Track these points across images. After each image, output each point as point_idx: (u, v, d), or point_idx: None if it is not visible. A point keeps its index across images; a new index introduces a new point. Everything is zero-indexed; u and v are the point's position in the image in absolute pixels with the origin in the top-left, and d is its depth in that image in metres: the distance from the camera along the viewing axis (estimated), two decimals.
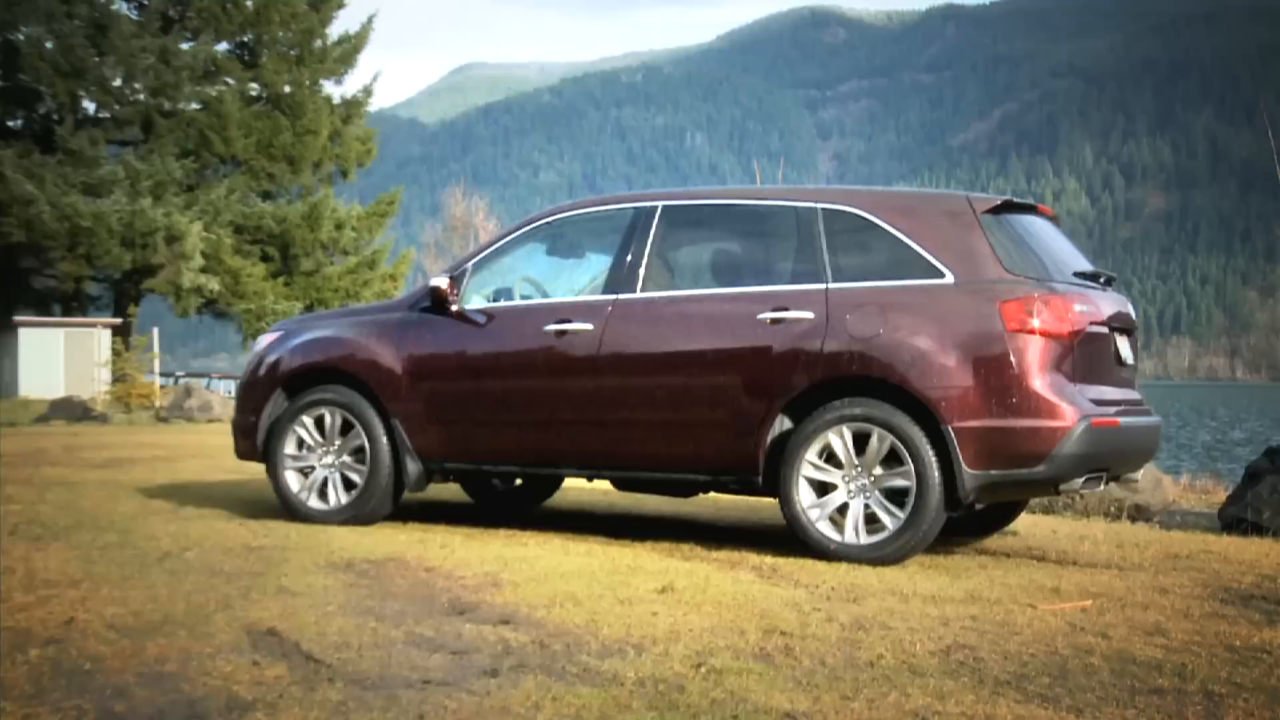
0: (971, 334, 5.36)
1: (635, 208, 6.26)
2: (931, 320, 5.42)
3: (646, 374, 5.89)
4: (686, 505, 7.95)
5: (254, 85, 29.21)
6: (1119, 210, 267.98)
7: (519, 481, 7.59)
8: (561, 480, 7.64)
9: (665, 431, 5.86)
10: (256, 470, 9.04)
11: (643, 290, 6.03)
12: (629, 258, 6.11)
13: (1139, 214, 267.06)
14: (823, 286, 5.68)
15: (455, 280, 6.40)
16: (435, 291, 6.36)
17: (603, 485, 8.79)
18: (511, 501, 7.62)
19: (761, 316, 5.70)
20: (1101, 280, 6.06)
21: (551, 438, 6.11)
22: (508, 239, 6.52)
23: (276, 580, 4.71)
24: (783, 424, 5.69)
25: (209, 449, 11.76)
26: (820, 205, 5.87)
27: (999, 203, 5.73)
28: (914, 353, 5.39)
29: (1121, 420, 5.55)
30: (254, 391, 6.77)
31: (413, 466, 6.36)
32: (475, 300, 6.45)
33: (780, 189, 6.33)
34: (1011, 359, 5.29)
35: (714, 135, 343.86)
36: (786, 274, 5.85)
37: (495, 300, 6.46)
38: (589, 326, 6.03)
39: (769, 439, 5.67)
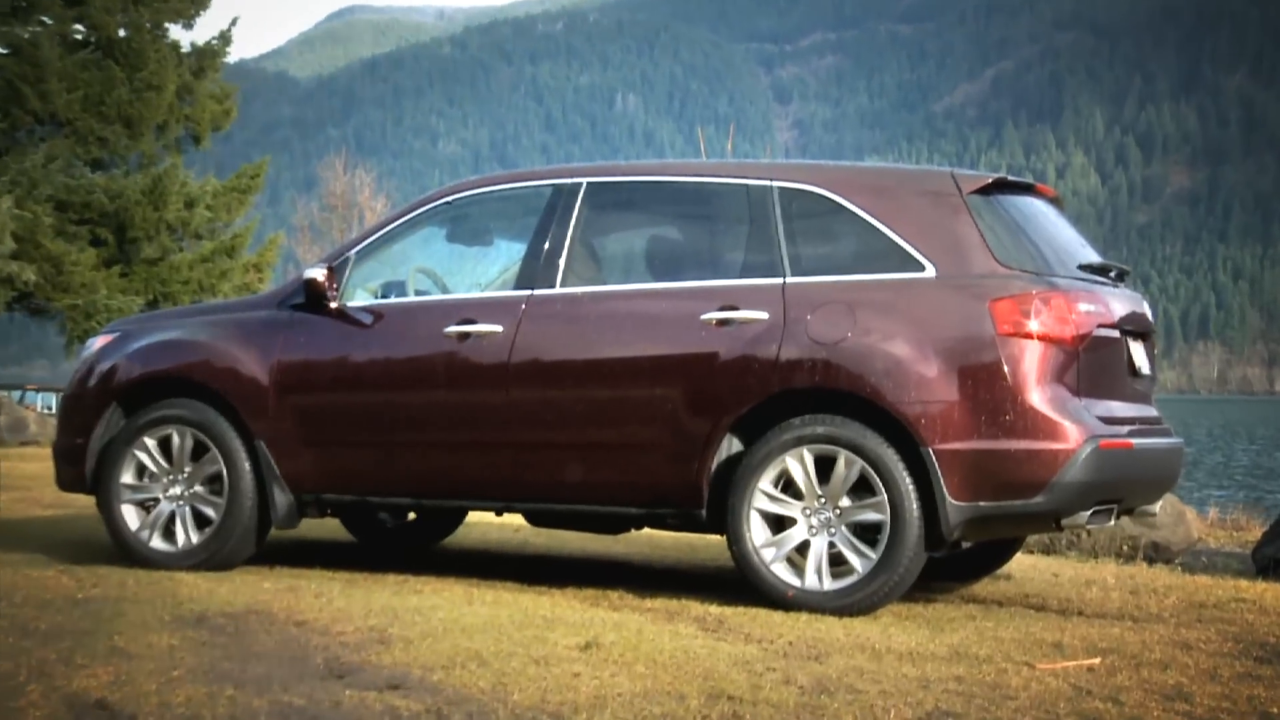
0: (957, 338, 5.46)
1: (554, 185, 6.29)
2: (909, 322, 5.51)
3: (567, 386, 5.92)
4: (616, 544, 7.98)
5: (79, 27, 28.60)
6: (1135, 190, 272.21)
7: (412, 516, 7.58)
8: (464, 515, 7.63)
9: (590, 455, 5.89)
10: (85, 504, 8.91)
11: (563, 285, 6.06)
12: (547, 245, 6.14)
13: (1159, 194, 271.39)
14: (779, 281, 5.75)
15: (335, 271, 6.39)
16: (310, 285, 6.34)
17: (514, 520, 8.79)
18: (403, 540, 7.60)
19: (705, 317, 5.75)
20: (1113, 274, 6.19)
21: (452, 463, 6.11)
22: (399, 222, 6.52)
23: (108, 640, 4.64)
24: (731, 446, 5.75)
25: (22, 478, 11.58)
26: (776, 183, 5.95)
27: (990, 181, 5.84)
28: (888, 361, 5.47)
29: (1136, 442, 5.67)
30: (82, 407, 6.70)
31: (281, 498, 6.33)
32: (359, 296, 6.44)
33: (729, 164, 6.38)
34: (1004, 368, 5.39)
35: (650, 98, 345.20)
36: (736, 266, 5.91)
37: (384, 296, 6.45)
38: (498, 328, 6.05)
39: (714, 464, 5.72)
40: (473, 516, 8.67)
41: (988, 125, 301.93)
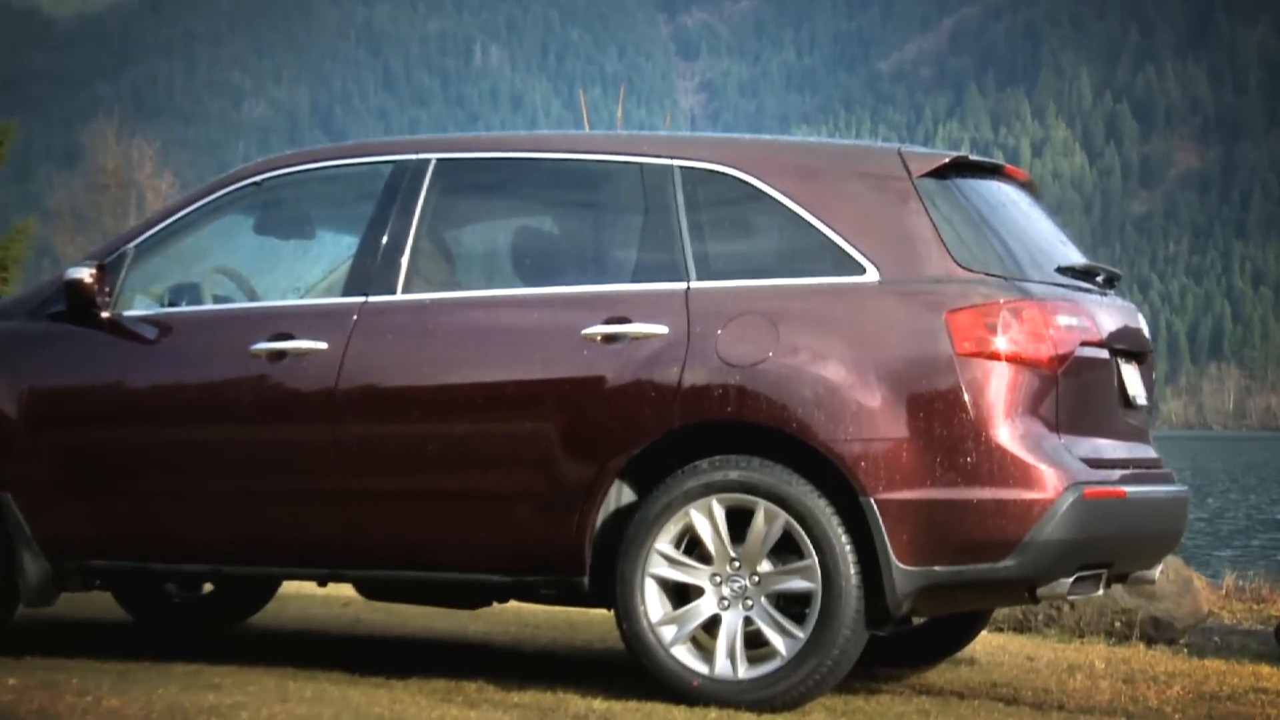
0: (905, 359, 5.54)
1: (395, 163, 6.30)
2: (845, 338, 5.59)
3: (411, 420, 5.93)
4: (473, 622, 7.97)
5: None
6: (1131, 172, 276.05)
7: (209, 587, 7.52)
8: (277, 585, 7.58)
9: (439, 508, 5.90)
10: None
11: (406, 291, 6.08)
12: (385, 240, 6.15)
13: (1161, 178, 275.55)
14: (681, 286, 5.80)
15: (107, 271, 6.33)
16: (74, 289, 6.28)
17: (343, 591, 8.73)
18: (197, 619, 7.54)
19: (588, 332, 5.79)
20: (1100, 279, 6.32)
21: (261, 519, 6.09)
22: (193, 208, 6.49)
23: None
24: (621, 496, 5.79)
25: None
26: (679, 162, 6.00)
27: (947, 161, 5.93)
28: (819, 387, 5.53)
29: (1129, 490, 5.79)
30: None
31: (34, 566, 6.25)
32: (139, 303, 6.39)
33: (618, 137, 6.44)
34: (964, 397, 5.48)
35: (518, 51, 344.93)
36: (627, 268, 5.97)
37: (172, 304, 6.42)
38: (322, 346, 6.04)
39: (599, 519, 5.75)
40: (288, 587, 8.60)
41: (946, 89, 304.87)
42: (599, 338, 5.78)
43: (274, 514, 6.09)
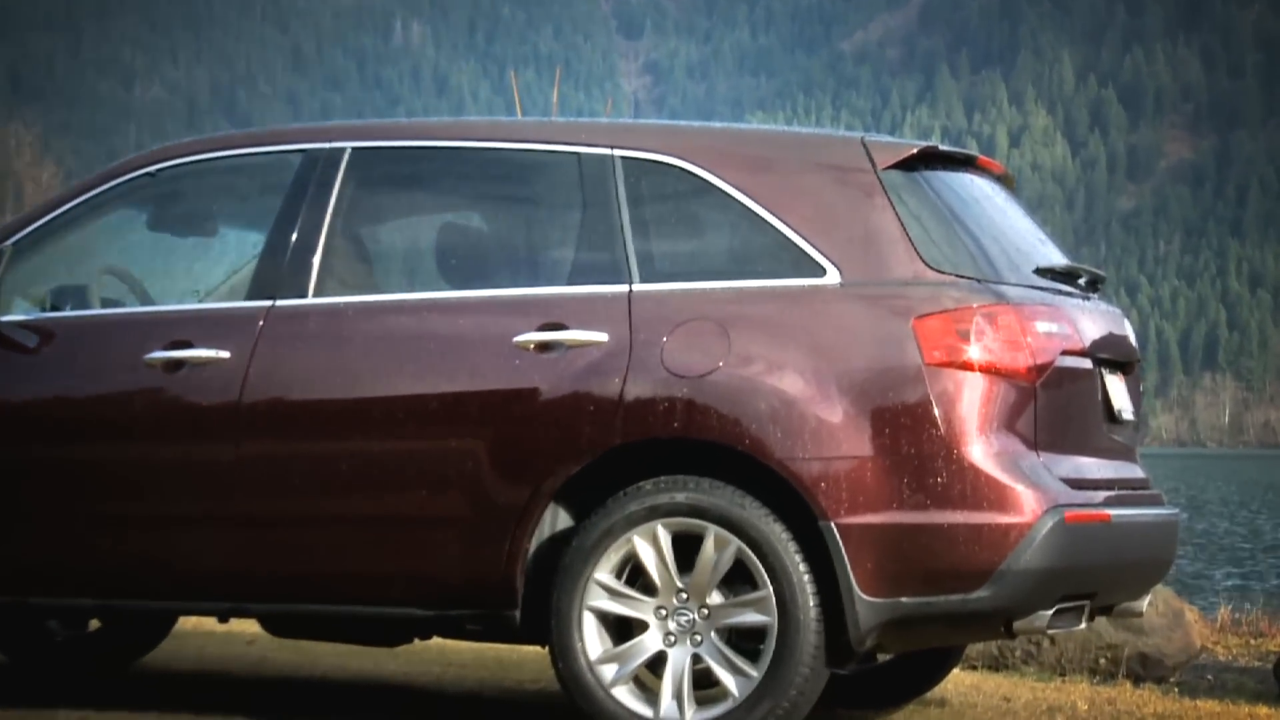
0: (869, 370, 5.57)
1: (306, 153, 6.29)
2: (804, 347, 5.61)
3: (323, 437, 5.93)
4: (392, 660, 7.95)
5: None
6: (1117, 163, 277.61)
7: (96, 624, 7.48)
8: (173, 621, 7.54)
9: (355, 535, 5.90)
10: None
11: (318, 293, 6.07)
12: (294, 238, 6.14)
13: (1150, 170, 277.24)
14: (623, 289, 5.82)
15: None
16: None
17: (247, 627, 8.70)
18: (83, 659, 7.49)
19: (520, 340, 5.80)
20: (1083, 282, 6.36)
21: (154, 546, 6.07)
22: (78, 201, 6.46)
23: None
24: (556, 521, 5.80)
25: None
26: (620, 152, 6.01)
27: (915, 152, 5.95)
28: (774, 401, 5.56)
29: (1114, 513, 5.82)
30: None
31: None
32: (18, 307, 6.35)
33: (554, 124, 6.45)
34: (934, 411, 5.51)
35: (442, 28, 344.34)
36: (562, 268, 5.98)
37: (55, 307, 6.38)
38: (224, 355, 6.02)
39: (532, 546, 5.75)
40: (185, 623, 8.57)
41: (914, 72, 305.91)
42: (532, 346, 5.78)
43: (169, 542, 6.06)
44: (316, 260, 6.10)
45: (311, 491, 5.92)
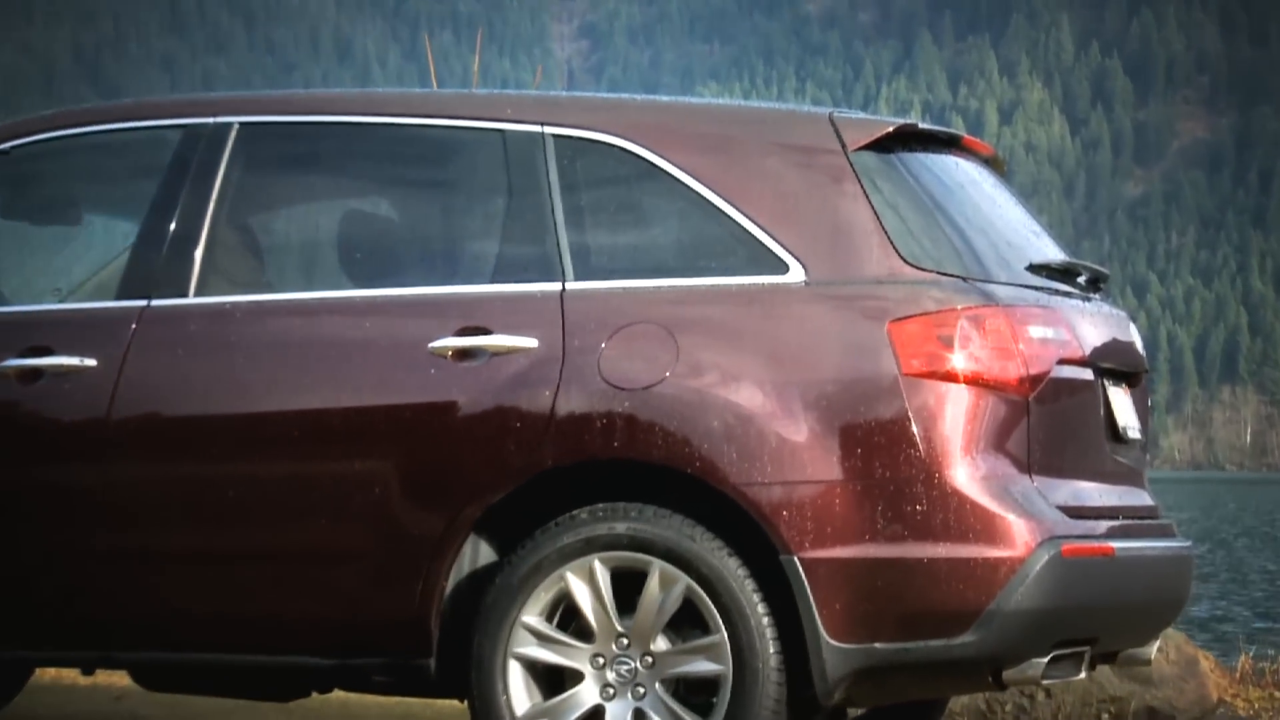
0: (838, 381, 5.58)
1: (186, 128, 6.28)
2: (763, 354, 5.63)
3: (205, 459, 5.93)
4: (288, 718, 7.94)
5: None
6: (1123, 144, 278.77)
7: None
8: (29, 673, 7.50)
9: (242, 573, 5.89)
10: None
11: (201, 292, 6.06)
12: (173, 228, 6.13)
13: (1161, 153, 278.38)
14: (555, 288, 5.82)
15: None
16: None
17: (116, 679, 8.67)
18: None
19: (436, 346, 5.80)
20: (1084, 280, 6.39)
21: (5, 585, 6.04)
22: None
23: None
24: (478, 555, 5.81)
25: None
26: (552, 130, 6.02)
27: (891, 131, 5.96)
28: (729, 417, 5.57)
29: (1118, 546, 5.84)
30: None
31: None
32: None
33: (475, 96, 6.46)
34: (912, 429, 5.53)
35: None
36: (485, 264, 5.99)
37: None
38: (89, 363, 6.00)
39: (449, 585, 5.76)
40: (44, 675, 8.54)
41: (891, 38, 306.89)
42: (449, 353, 5.79)
43: (23, 580, 6.03)
44: (199, 254, 6.09)
45: (190, 521, 5.91)
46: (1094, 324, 6.17)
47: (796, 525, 5.49)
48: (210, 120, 6.27)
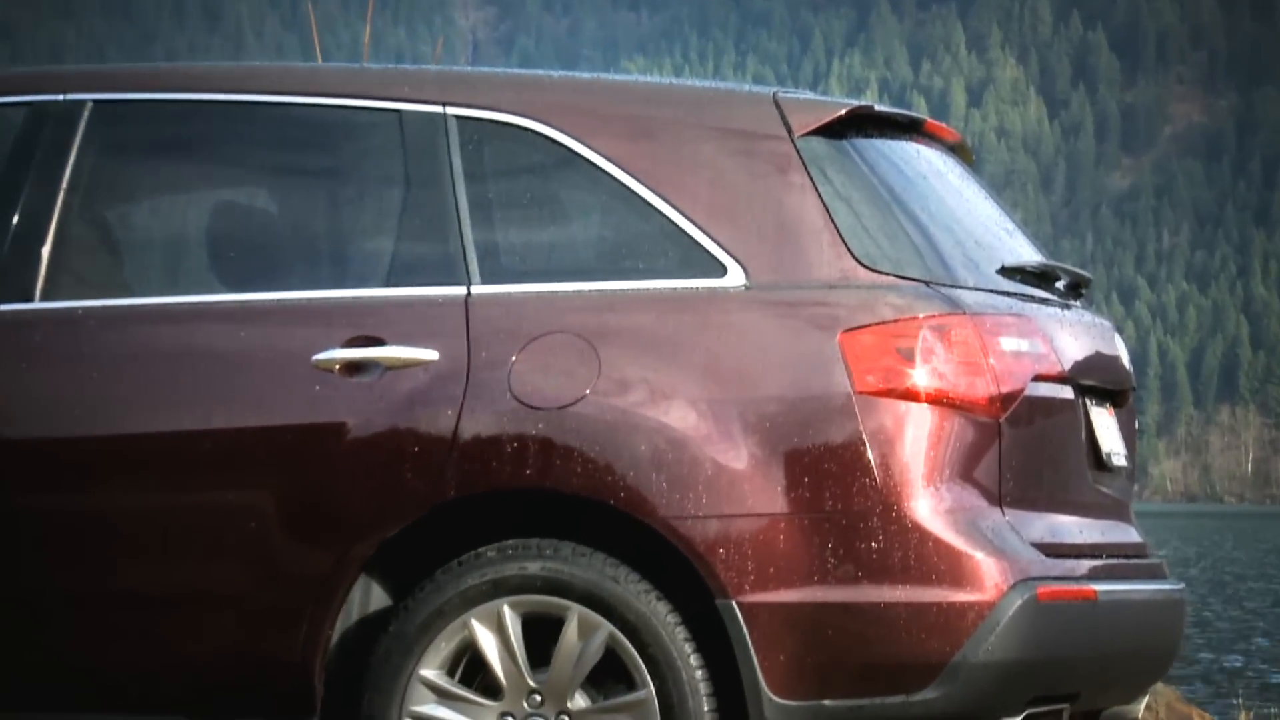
0: (782, 400, 5.61)
1: (31, 106, 6.25)
2: (697, 370, 5.65)
3: (50, 487, 5.92)
4: None
5: None
6: (1108, 129, 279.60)
7: None
8: None
9: (93, 618, 5.87)
10: None
11: (48, 296, 6.04)
12: (16, 222, 6.10)
13: (1151, 139, 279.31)
14: (459, 292, 5.84)
15: None
16: None
17: None
18: None
19: (321, 359, 5.80)
20: (1062, 285, 6.45)
21: None
22: None
23: None
24: (369, 599, 5.82)
25: None
26: (455, 110, 6.03)
27: (843, 113, 5.99)
28: (657, 441, 5.59)
29: (1101, 589, 5.88)
30: None
31: None
32: None
33: (366, 72, 6.44)
34: (867, 456, 5.55)
35: None
36: (378, 265, 5.99)
37: None
38: None
39: (335, 633, 5.77)
40: None
41: (844, 6, 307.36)
42: (337, 367, 5.80)
43: None
44: (46, 252, 6.07)
45: (32, 560, 5.89)
46: (1074, 335, 6.21)
47: (735, 565, 5.51)
48: (59, 98, 6.24)
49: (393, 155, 6.04)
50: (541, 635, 5.67)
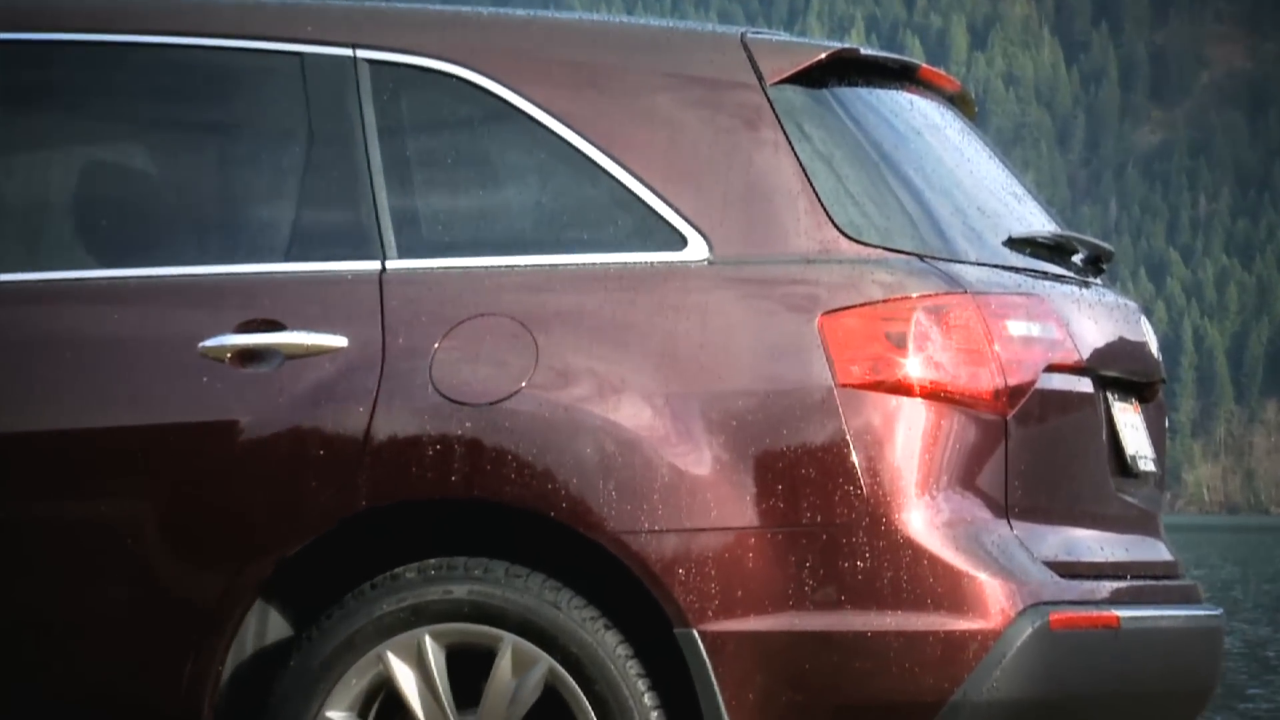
0: (751, 394, 5.62)
1: None
2: (651, 359, 5.66)
3: None
4: None
5: None
6: (1135, 77, 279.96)
7: None
8: None
9: None
10: None
11: None
12: None
13: (1186, 87, 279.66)
14: (372, 267, 5.84)
15: None
16: None
17: None
18: None
19: (209, 346, 5.80)
20: (1080, 259, 6.48)
21: None
22: None
23: None
24: (266, 627, 5.82)
25: None
26: (367, 54, 6.02)
27: (824, 58, 6.00)
28: (605, 442, 5.60)
29: (1125, 615, 5.90)
30: None
31: None
32: None
33: (263, 7, 6.41)
34: (852, 459, 5.56)
35: None
36: (276, 236, 5.98)
37: None
38: None
39: (228, 668, 5.77)
40: None
41: None
42: (228, 356, 5.80)
43: None
44: None
45: None
46: (1095, 318, 6.22)
47: (696, 588, 5.52)
48: None
49: (293, 106, 6.03)
50: (469, 670, 5.68)
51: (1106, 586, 5.94)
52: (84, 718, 5.83)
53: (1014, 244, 6.12)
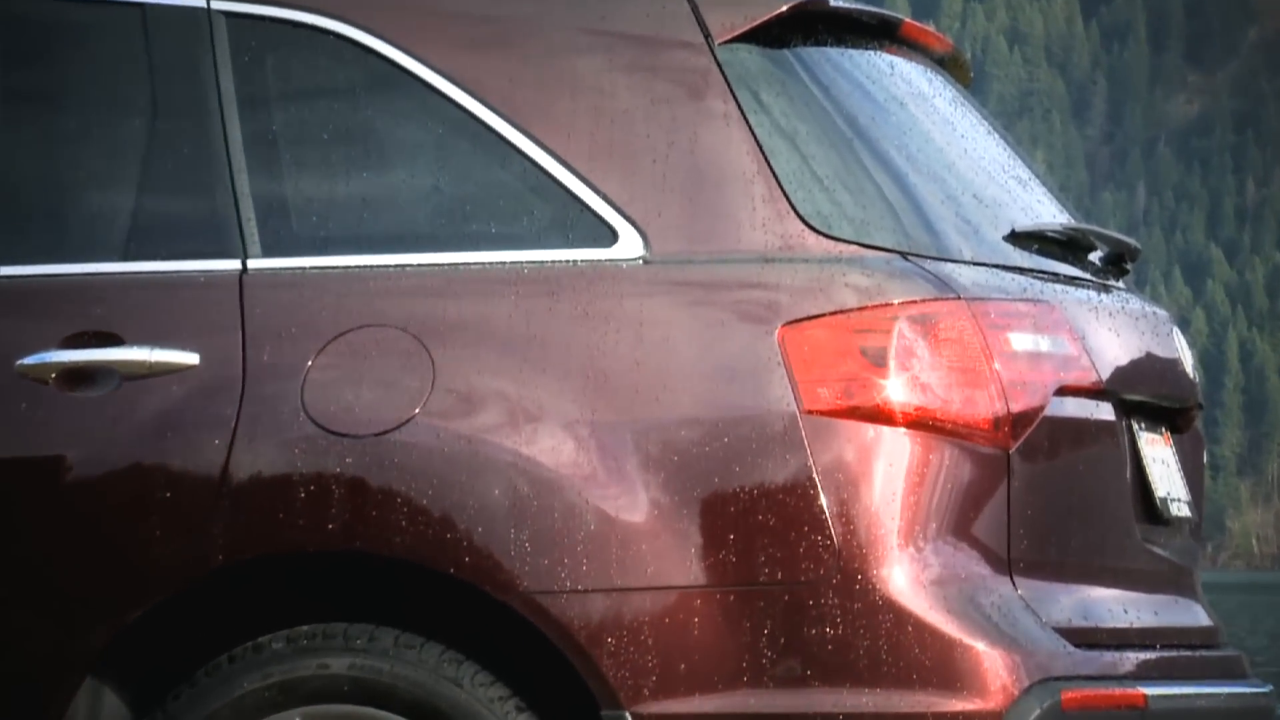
0: (697, 422, 5.66)
1: None
2: (573, 379, 5.69)
3: None
4: None
5: None
6: (1166, 36, 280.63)
7: None
8: None
9: None
10: None
11: None
12: None
13: (1231, 48, 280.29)
14: (231, 268, 5.87)
15: None
16: None
17: None
18: None
19: (29, 364, 5.84)
20: (1099, 258, 6.53)
21: None
22: None
23: None
24: (100, 710, 5.83)
25: None
26: (224, 5, 6.02)
27: (785, 11, 6.00)
28: (517, 482, 5.64)
29: (1152, 694, 5.92)
30: None
31: None
32: None
33: None
34: (820, 502, 5.60)
35: None
36: (113, 229, 6.00)
37: None
38: None
39: None
40: None
41: None
42: (53, 377, 5.83)
43: None
44: None
45: None
46: (1116, 330, 6.26)
47: (629, 661, 5.55)
48: None
49: (132, 69, 6.05)
50: None
51: (1130, 658, 5.97)
52: None
53: (1018, 239, 6.15)
